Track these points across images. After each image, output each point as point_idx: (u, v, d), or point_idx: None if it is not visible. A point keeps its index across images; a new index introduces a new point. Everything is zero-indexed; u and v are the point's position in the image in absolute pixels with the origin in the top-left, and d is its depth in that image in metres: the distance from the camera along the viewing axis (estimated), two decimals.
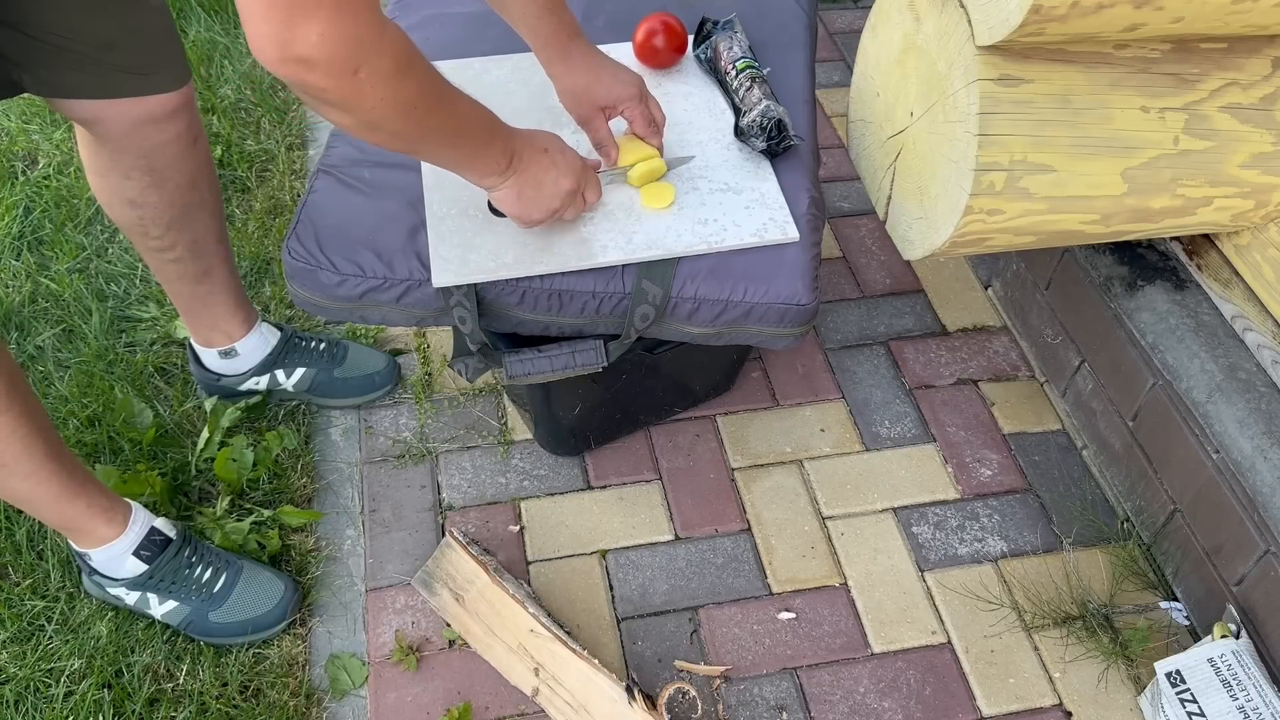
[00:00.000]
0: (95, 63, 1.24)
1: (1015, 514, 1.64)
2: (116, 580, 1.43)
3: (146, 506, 1.49)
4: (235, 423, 1.66)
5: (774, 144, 1.39)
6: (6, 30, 1.18)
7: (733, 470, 1.68)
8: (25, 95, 1.27)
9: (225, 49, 2.40)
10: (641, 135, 1.37)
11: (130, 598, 1.45)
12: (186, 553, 1.45)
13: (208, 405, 1.68)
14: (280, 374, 1.69)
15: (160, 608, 1.44)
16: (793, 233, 1.33)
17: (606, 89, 1.33)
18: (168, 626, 1.46)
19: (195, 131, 1.39)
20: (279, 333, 1.69)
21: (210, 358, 1.66)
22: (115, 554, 1.41)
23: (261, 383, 1.69)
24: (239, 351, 1.65)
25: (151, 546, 1.43)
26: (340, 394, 1.72)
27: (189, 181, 1.41)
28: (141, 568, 1.42)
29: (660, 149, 1.38)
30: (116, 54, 1.24)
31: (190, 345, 1.68)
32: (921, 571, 1.57)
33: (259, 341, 1.66)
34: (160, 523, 1.46)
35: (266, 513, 1.58)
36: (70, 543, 1.44)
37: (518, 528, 1.60)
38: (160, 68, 1.30)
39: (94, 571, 1.44)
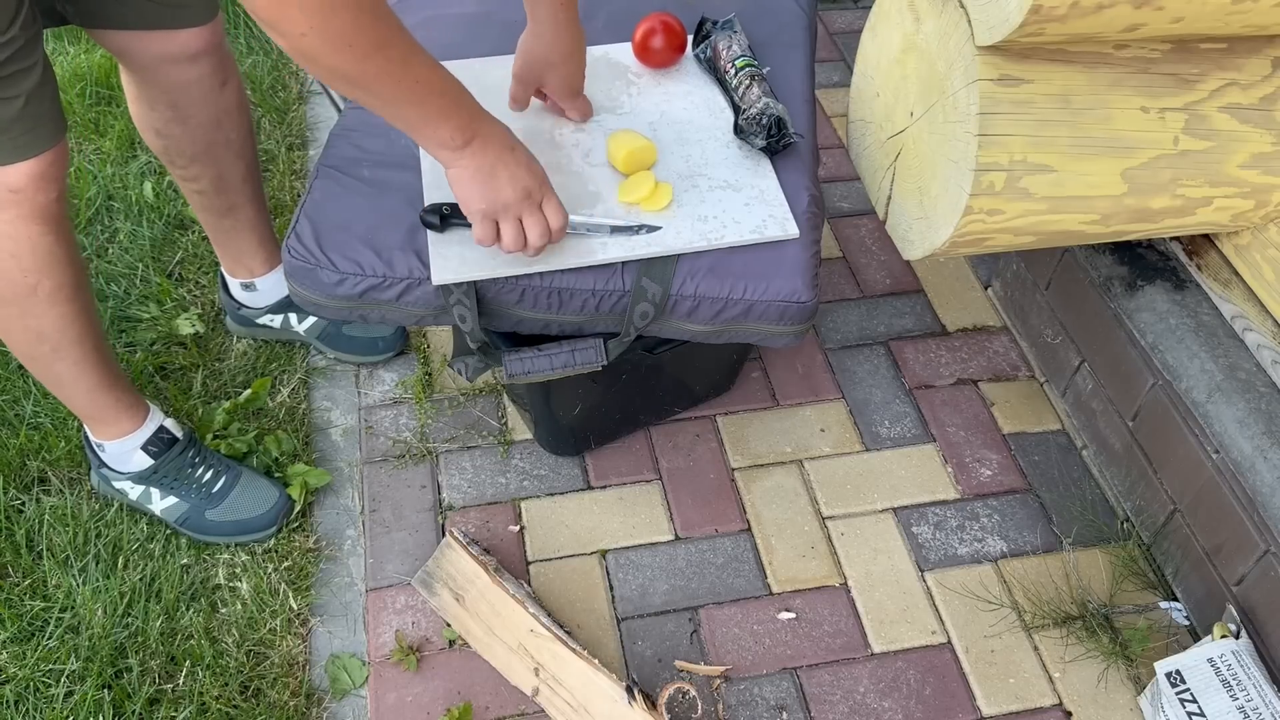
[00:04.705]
0: None
1: (1015, 514, 1.64)
2: (123, 474, 1.53)
3: None
4: (226, 424, 1.67)
5: (773, 141, 1.39)
6: None
7: (733, 470, 1.68)
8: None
9: None
10: (561, 101, 1.41)
11: (134, 492, 1.54)
12: (190, 453, 1.55)
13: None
14: (294, 317, 1.76)
15: (161, 503, 1.54)
16: (792, 229, 1.33)
17: (563, 57, 1.35)
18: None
19: (224, 75, 1.46)
20: None
21: (235, 286, 1.75)
22: (127, 448, 1.51)
23: (275, 321, 1.77)
24: (258, 287, 1.73)
25: (159, 443, 1.53)
26: (345, 349, 1.78)
27: (213, 122, 1.48)
28: (148, 462, 1.52)
29: (582, 113, 1.43)
30: None
31: (220, 271, 1.77)
32: (921, 571, 1.57)
33: (277, 282, 1.73)
34: (169, 423, 1.55)
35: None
36: (87, 433, 1.54)
37: (518, 528, 1.60)
38: (190, 2, 1.37)
39: (103, 465, 1.53)
